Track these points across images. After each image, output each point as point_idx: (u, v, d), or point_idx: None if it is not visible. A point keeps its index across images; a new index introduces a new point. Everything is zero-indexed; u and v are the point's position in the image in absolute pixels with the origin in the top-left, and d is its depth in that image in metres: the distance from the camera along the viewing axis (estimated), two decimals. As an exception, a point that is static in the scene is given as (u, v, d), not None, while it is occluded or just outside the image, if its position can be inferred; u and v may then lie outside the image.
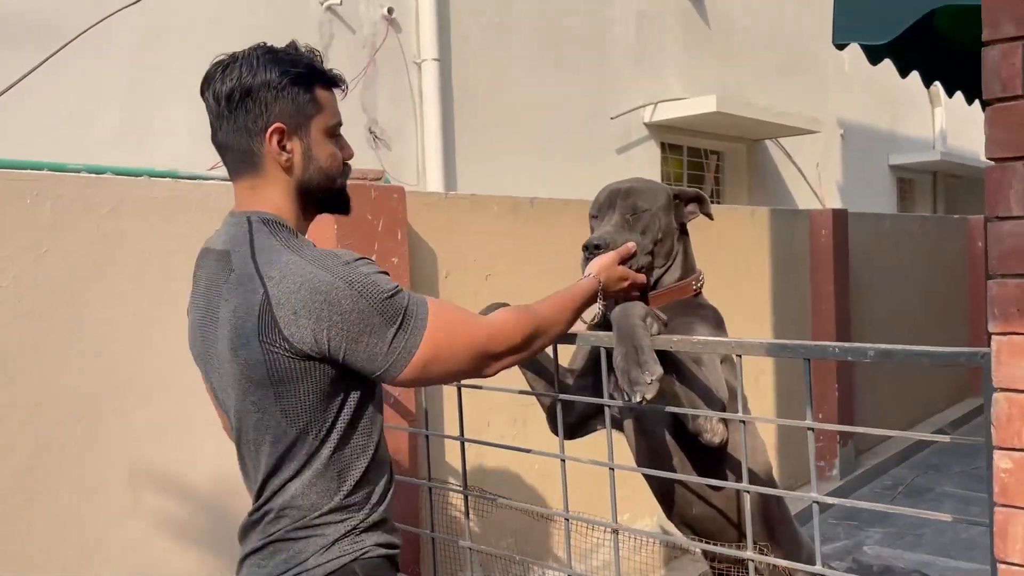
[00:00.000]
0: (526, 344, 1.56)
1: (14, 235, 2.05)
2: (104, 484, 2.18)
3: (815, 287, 5.07)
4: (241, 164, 1.48)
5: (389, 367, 1.39)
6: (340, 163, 1.54)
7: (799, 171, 7.75)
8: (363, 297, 1.35)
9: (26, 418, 2.06)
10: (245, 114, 1.44)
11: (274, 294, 1.35)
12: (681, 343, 1.72)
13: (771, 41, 7.47)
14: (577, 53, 5.72)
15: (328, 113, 1.50)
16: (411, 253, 2.85)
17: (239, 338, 1.39)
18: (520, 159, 5.31)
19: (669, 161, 6.67)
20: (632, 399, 1.64)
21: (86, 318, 2.16)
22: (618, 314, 1.78)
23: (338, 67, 1.61)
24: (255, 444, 1.46)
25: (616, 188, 2.03)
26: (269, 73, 1.43)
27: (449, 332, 1.43)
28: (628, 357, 1.69)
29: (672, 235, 2.02)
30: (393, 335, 1.38)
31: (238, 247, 1.42)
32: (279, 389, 1.39)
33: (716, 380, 1.88)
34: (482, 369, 1.51)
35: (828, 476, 5.13)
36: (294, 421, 1.41)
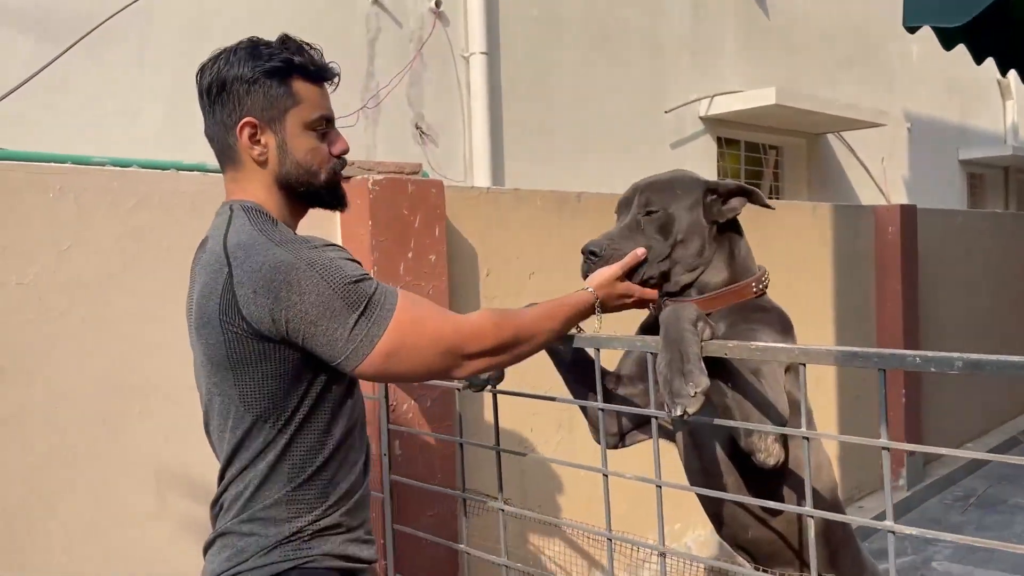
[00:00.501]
0: (502, 348, 1.48)
1: (36, 230, 1.97)
2: (126, 487, 2.09)
3: (881, 287, 4.78)
4: (223, 157, 1.48)
5: (349, 354, 1.34)
6: (324, 157, 1.49)
7: (863, 166, 7.41)
8: (324, 280, 1.32)
9: (45, 419, 1.99)
10: (221, 108, 1.44)
11: (237, 274, 1.33)
12: (737, 350, 1.54)
13: (834, 30, 7.16)
14: (630, 45, 5.53)
15: (308, 106, 1.46)
16: (450, 251, 2.72)
17: (202, 318, 1.38)
18: (570, 155, 5.15)
19: (726, 156, 6.43)
20: (672, 412, 1.48)
21: (109, 316, 2.08)
22: (667, 316, 1.60)
23: (384, 61, 1.52)
24: (218, 431, 1.44)
25: (635, 185, 1.85)
26: (242, 67, 1.42)
27: (416, 325, 1.38)
28: (672, 365, 1.53)
29: (701, 234, 1.80)
30: (355, 321, 1.33)
31: (217, 232, 1.42)
32: (237, 371, 1.36)
33: (776, 393, 1.68)
34: (452, 369, 1.44)
35: (895, 486, 4.84)
36: (251, 406, 1.38)
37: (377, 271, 2.46)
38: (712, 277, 1.80)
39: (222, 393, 1.40)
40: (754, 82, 6.27)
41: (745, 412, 1.63)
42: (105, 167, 2.10)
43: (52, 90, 3.25)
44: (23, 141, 3.13)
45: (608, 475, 1.80)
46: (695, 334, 1.57)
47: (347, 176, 2.51)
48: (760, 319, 1.79)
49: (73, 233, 2.02)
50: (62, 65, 3.20)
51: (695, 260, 1.79)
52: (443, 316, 1.43)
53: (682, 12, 5.88)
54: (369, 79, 4.36)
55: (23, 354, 1.95)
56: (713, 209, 1.82)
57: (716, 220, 1.82)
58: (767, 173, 6.89)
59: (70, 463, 2.01)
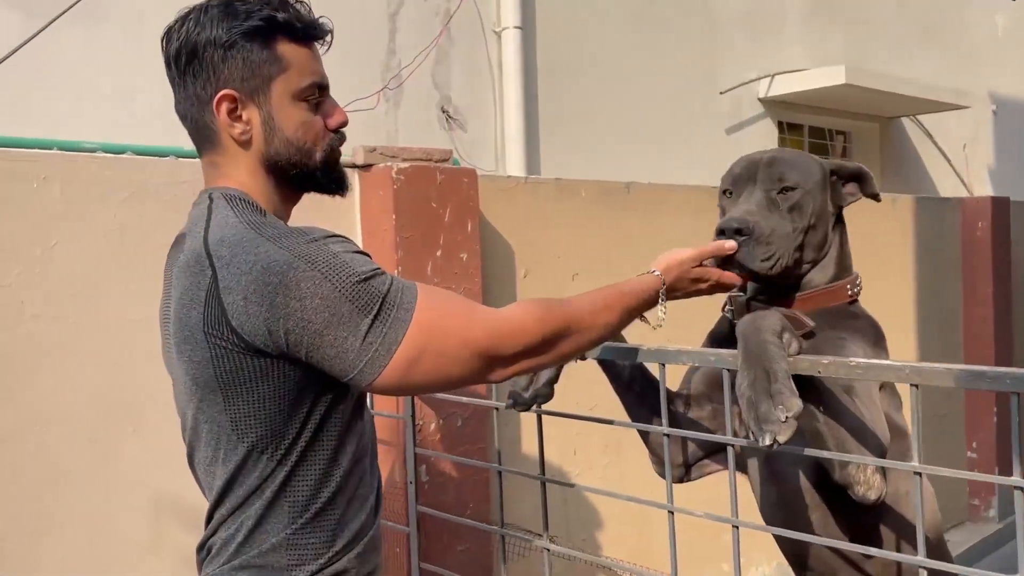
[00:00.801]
0: (547, 346, 1.33)
1: (18, 225, 1.90)
2: (121, 514, 2.03)
3: (969, 289, 4.61)
4: (198, 137, 1.36)
5: (363, 367, 1.21)
6: (318, 132, 1.37)
7: (942, 153, 7.20)
8: (328, 280, 1.19)
9: (32, 438, 1.92)
10: (193, 79, 1.31)
11: (222, 276, 1.21)
12: (833, 367, 1.42)
13: (910, 3, 6.96)
14: (680, 18, 5.40)
15: (296, 72, 1.33)
16: (483, 248, 2.62)
17: (183, 331, 1.26)
18: (613, 141, 5.04)
19: (787, 142, 6.27)
20: (759, 441, 1.37)
21: (101, 321, 2.01)
22: (746, 326, 1.49)
23: (407, 38, 1.41)
24: (205, 464, 1.32)
25: (756, 158, 1.73)
26: (216, 29, 1.28)
27: (441, 325, 1.25)
28: (757, 385, 1.41)
29: (827, 221, 1.71)
30: (368, 327, 1.21)
31: (195, 227, 1.30)
32: (228, 393, 1.24)
33: (873, 415, 1.56)
34: (486, 375, 1.31)
35: (983, 517, 4.66)
36: (245, 434, 1.26)
37: (402, 271, 2.37)
38: (819, 274, 1.71)
39: (209, 420, 1.28)
40: (820, 60, 6.10)
41: (839, 439, 1.51)
42: (96, 153, 2.03)
43: (42, 69, 3.20)
44: (9, 124, 3.09)
45: (674, 511, 1.68)
46: (781, 348, 1.45)
47: (368, 164, 2.42)
48: (851, 327, 1.67)
49: (60, 228, 1.95)
50: (52, 42, 3.14)
51: (816, 252, 1.70)
52: (473, 311, 1.30)
53: (738, -19, 5.74)
54: (390, 57, 4.28)
55: (5, 366, 1.89)
56: (836, 193, 1.72)
57: (841, 204, 1.73)
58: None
59: (59, 490, 1.94)
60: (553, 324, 1.33)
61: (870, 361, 1.43)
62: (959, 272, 4.67)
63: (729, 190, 1.75)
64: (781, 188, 1.66)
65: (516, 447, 2.73)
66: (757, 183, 1.68)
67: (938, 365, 1.35)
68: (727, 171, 1.79)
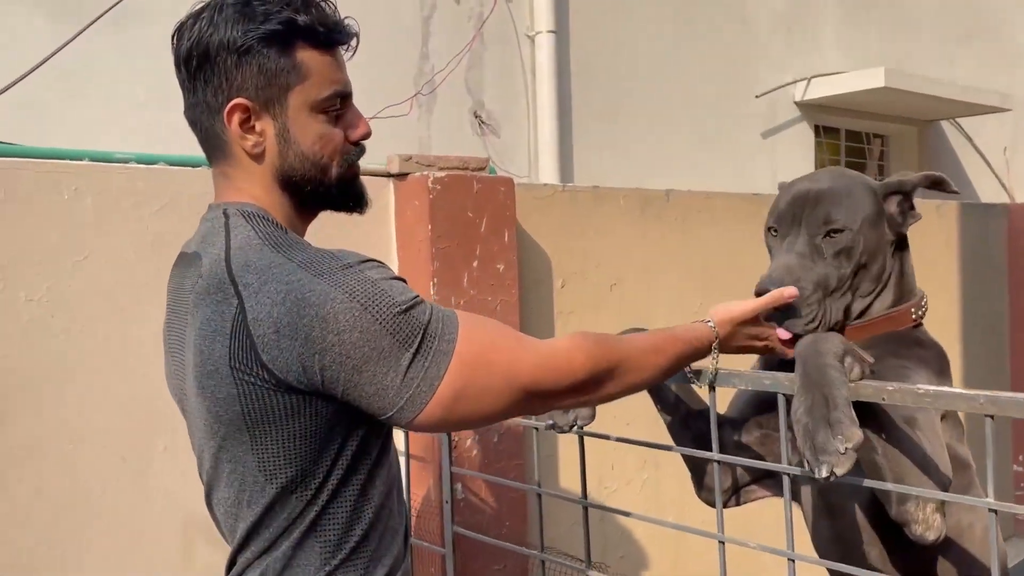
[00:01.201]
0: (594, 384, 1.26)
1: (49, 238, 1.86)
2: (151, 533, 1.97)
3: (1016, 299, 4.47)
4: (208, 147, 1.25)
5: (404, 405, 1.13)
6: (336, 145, 1.26)
7: (982, 157, 7.02)
8: (368, 311, 1.10)
9: (60, 454, 1.87)
10: (204, 85, 1.20)
11: (251, 307, 1.11)
12: (900, 394, 1.32)
13: (948, 3, 6.79)
14: (715, 21, 5.30)
15: (317, 82, 1.22)
16: (520, 258, 2.54)
17: (206, 364, 1.15)
18: (647, 146, 4.95)
19: (824, 146, 6.14)
20: (815, 472, 1.28)
21: (133, 336, 1.95)
22: (806, 348, 1.40)
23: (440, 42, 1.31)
24: (227, 505, 1.22)
25: (802, 192, 1.57)
26: (231, 30, 1.17)
27: (486, 358, 1.17)
28: (814, 412, 1.32)
29: (883, 252, 1.57)
30: (409, 362, 1.12)
31: (209, 247, 1.20)
32: (256, 432, 1.15)
33: (935, 447, 1.46)
34: (531, 410, 1.26)
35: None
36: (274, 475, 1.16)
37: (438, 283, 2.30)
38: (879, 303, 1.58)
39: (233, 459, 1.18)
40: (858, 62, 5.96)
41: (898, 473, 1.42)
42: (128, 164, 1.98)
43: (74, 76, 3.17)
44: (43, 134, 3.06)
45: (725, 541, 1.59)
46: (842, 372, 1.36)
47: (404, 173, 2.35)
48: (915, 356, 1.56)
49: (91, 241, 1.90)
50: (85, 49, 3.11)
51: (873, 284, 1.57)
52: (519, 343, 1.21)
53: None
54: (423, 62, 4.22)
55: (35, 381, 1.84)
56: (897, 218, 1.59)
57: (900, 231, 1.59)
58: (871, 166, 6.58)
59: (89, 508, 1.89)
60: (602, 362, 1.25)
61: (940, 389, 1.33)
62: (1005, 279, 4.53)
63: (774, 228, 1.61)
64: (827, 232, 1.53)
65: (553, 462, 2.66)
66: (802, 226, 1.55)
67: (1016, 395, 1.25)
68: (773, 204, 1.65)
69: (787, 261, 1.53)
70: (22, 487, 1.82)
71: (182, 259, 1.29)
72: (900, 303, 1.59)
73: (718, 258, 3.11)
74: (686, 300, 3.05)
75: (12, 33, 3.06)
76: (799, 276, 1.49)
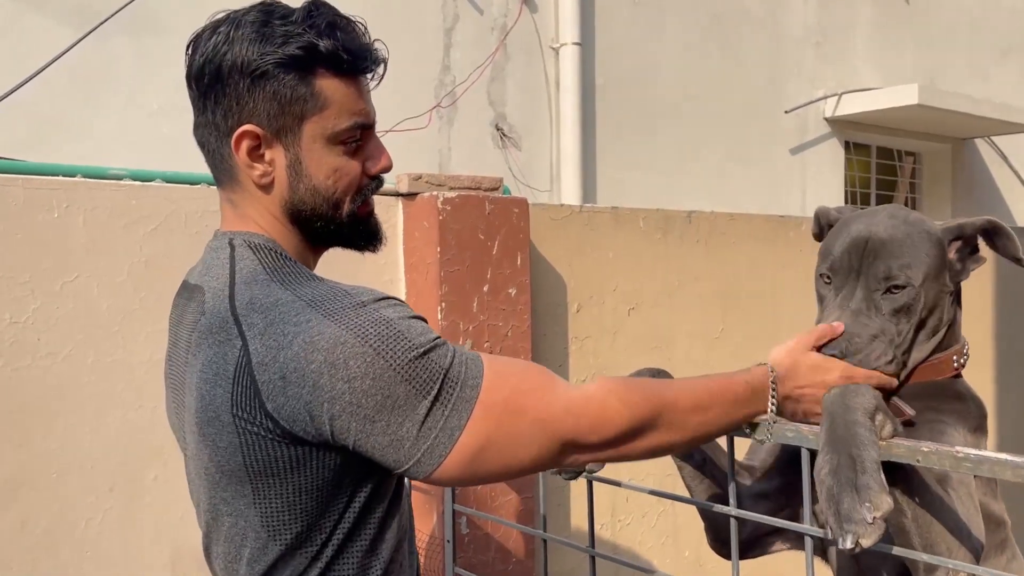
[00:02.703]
0: (633, 435, 1.11)
1: (37, 257, 1.76)
2: (141, 568, 1.87)
3: (1052, 328, 4.27)
4: (217, 171, 1.16)
5: (421, 457, 1.02)
6: (353, 180, 1.15)
7: (1017, 176, 6.81)
8: (382, 356, 1.00)
9: (48, 485, 1.78)
10: (215, 105, 1.10)
11: (255, 349, 1.02)
12: (936, 456, 1.18)
13: (986, 18, 6.60)
14: (744, 35, 5.17)
15: (335, 112, 1.11)
16: (534, 281, 2.42)
17: (206, 410, 1.06)
18: (673, 161, 4.82)
19: (854, 163, 5.97)
20: (839, 543, 1.14)
21: (123, 362, 1.86)
22: (834, 402, 1.26)
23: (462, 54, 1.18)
24: (226, 560, 1.12)
25: (860, 239, 1.42)
26: (247, 50, 1.07)
27: (514, 404, 1.05)
28: (840, 474, 1.19)
29: (943, 304, 1.43)
30: (427, 411, 1.02)
31: (213, 280, 1.11)
32: (258, 485, 1.05)
33: (969, 511, 1.33)
34: (561, 462, 1.11)
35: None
36: (277, 532, 1.06)
37: (446, 308, 2.18)
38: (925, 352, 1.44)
39: (234, 512, 1.08)
40: (890, 78, 5.80)
41: (929, 538, 1.28)
42: (122, 181, 1.88)
43: (94, 86, 3.11)
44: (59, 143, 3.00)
45: (741, 604, 1.45)
46: (872, 432, 1.23)
47: (413, 193, 2.24)
48: (953, 411, 1.41)
49: (81, 261, 1.81)
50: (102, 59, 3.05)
51: (931, 335, 1.42)
52: (549, 388, 1.08)
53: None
54: (444, 74, 4.13)
55: (19, 407, 1.75)
56: (957, 266, 1.44)
57: (960, 280, 1.45)
58: (902, 184, 6.40)
59: (76, 541, 1.80)
60: (642, 410, 1.11)
61: (981, 453, 1.19)
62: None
63: (827, 275, 1.46)
64: (887, 288, 1.38)
65: (564, 495, 2.53)
66: (860, 278, 1.40)
67: (1066, 463, 1.11)
68: (824, 246, 1.49)
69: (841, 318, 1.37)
70: (5, 519, 1.73)
71: (184, 289, 1.21)
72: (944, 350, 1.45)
73: (741, 282, 2.98)
74: (707, 326, 2.91)
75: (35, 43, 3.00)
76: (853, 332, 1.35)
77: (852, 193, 5.95)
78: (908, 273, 1.38)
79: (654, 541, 2.71)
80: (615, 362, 2.65)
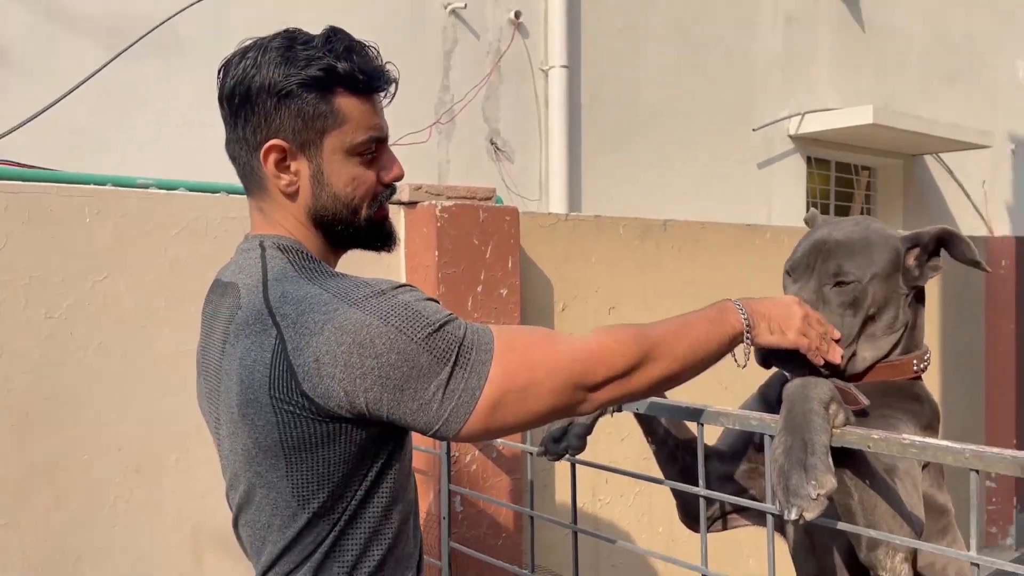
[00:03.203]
0: (633, 368, 1.14)
1: (70, 259, 1.76)
2: (164, 542, 1.87)
3: (991, 326, 4.30)
4: (247, 182, 1.19)
5: (448, 417, 1.05)
6: (369, 188, 1.18)
7: (963, 190, 6.84)
8: (403, 333, 1.03)
9: (78, 468, 1.77)
10: (244, 123, 1.13)
11: (290, 337, 1.05)
12: (885, 443, 1.20)
13: (934, 47, 6.63)
14: (718, 60, 5.17)
15: (353, 126, 1.14)
16: (523, 283, 2.42)
17: (246, 393, 1.08)
18: (652, 174, 4.83)
19: (815, 177, 5.99)
20: (785, 514, 1.16)
21: (150, 354, 1.85)
22: (794, 391, 1.27)
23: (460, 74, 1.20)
24: (255, 528, 1.14)
25: (820, 241, 1.45)
26: (273, 73, 1.10)
27: (525, 359, 1.08)
28: (791, 454, 1.20)
29: (896, 305, 1.44)
30: (449, 375, 1.04)
31: (247, 278, 1.13)
32: (292, 459, 1.08)
33: (913, 500, 1.34)
34: (576, 405, 1.12)
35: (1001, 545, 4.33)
36: (307, 501, 1.09)
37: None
38: (881, 351, 1.45)
39: (267, 484, 1.10)
40: (848, 99, 5.82)
41: (872, 519, 1.29)
42: (148, 189, 1.88)
43: (122, 102, 3.09)
44: (91, 154, 2.99)
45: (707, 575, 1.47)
46: (825, 420, 1.24)
47: (413, 201, 2.24)
48: (908, 410, 1.42)
49: (110, 262, 1.80)
50: (133, 76, 3.04)
51: (887, 335, 1.43)
52: (553, 342, 1.11)
53: (773, 25, 5.49)
54: (443, 93, 4.12)
55: (54, 396, 1.74)
56: (914, 271, 1.45)
57: (918, 284, 1.46)
58: (858, 196, 6.41)
59: (105, 518, 1.79)
60: (636, 346, 1.13)
61: (926, 440, 1.20)
62: (982, 310, 4.36)
63: (790, 272, 1.49)
64: (835, 282, 1.41)
65: (550, 474, 2.54)
66: (814, 274, 1.42)
67: (1003, 451, 1.12)
68: (794, 248, 1.52)
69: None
70: (42, 498, 1.73)
71: (217, 286, 1.22)
72: (905, 353, 1.46)
73: (711, 284, 2.99)
74: (681, 324, 2.92)
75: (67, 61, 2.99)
76: None
77: (813, 204, 5.96)
78: (855, 271, 1.40)
79: (631, 518, 2.72)
80: (597, 356, 2.66)
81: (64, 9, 3.00)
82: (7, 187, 1.70)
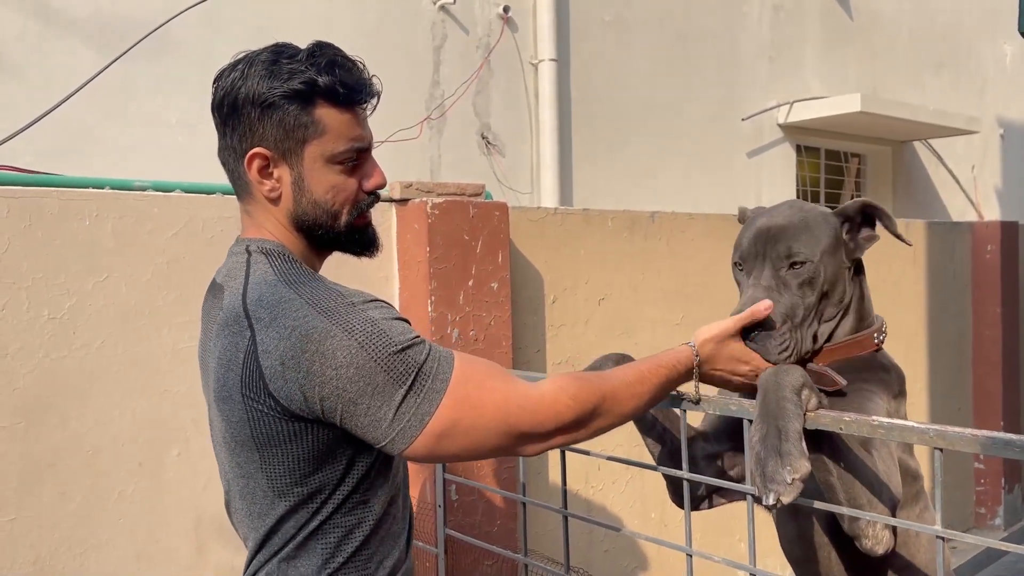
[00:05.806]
0: (580, 423, 1.21)
1: (71, 260, 1.81)
2: (165, 533, 1.92)
3: (978, 311, 4.36)
4: (236, 187, 1.26)
5: (395, 437, 1.11)
6: (348, 195, 1.23)
7: (952, 176, 6.90)
8: (364, 350, 1.08)
9: (83, 461, 1.83)
10: (232, 131, 1.20)
11: (261, 340, 1.11)
12: (856, 425, 1.26)
13: (921, 34, 6.68)
14: (706, 50, 5.22)
15: (333, 137, 1.20)
16: (514, 276, 2.48)
17: (222, 390, 1.16)
18: (642, 165, 4.87)
19: (805, 165, 6.04)
20: (763, 499, 1.23)
21: (149, 352, 1.91)
22: (768, 380, 1.34)
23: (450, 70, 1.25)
24: (240, 516, 1.23)
25: (763, 229, 1.50)
26: (258, 85, 1.17)
27: (476, 399, 1.14)
28: (767, 442, 1.27)
29: (843, 278, 1.50)
30: (402, 398, 1.10)
31: (232, 281, 1.20)
32: (265, 453, 1.14)
33: (888, 469, 1.41)
34: (517, 449, 1.20)
35: (990, 525, 4.41)
36: (282, 493, 1.16)
37: (435, 301, 2.24)
38: (844, 325, 1.52)
39: (246, 475, 1.18)
40: (836, 87, 5.87)
41: (852, 493, 1.36)
42: (146, 192, 1.93)
43: (115, 103, 3.14)
44: (86, 155, 3.03)
45: (693, 555, 1.53)
46: (798, 406, 1.30)
47: (404, 199, 2.30)
48: (879, 380, 1.49)
49: (110, 263, 1.86)
50: (126, 77, 3.08)
51: (835, 310, 1.49)
52: (508, 387, 1.17)
53: (762, 14, 5.53)
54: (434, 88, 4.17)
55: (57, 394, 1.80)
56: (850, 244, 1.51)
57: (856, 257, 1.52)
58: (848, 183, 6.47)
59: (108, 511, 1.85)
60: (587, 403, 1.21)
61: (893, 421, 1.27)
62: (969, 295, 4.43)
63: (740, 263, 1.54)
64: (790, 264, 1.46)
65: (543, 461, 2.60)
66: (766, 260, 1.47)
67: (964, 430, 1.19)
68: (737, 240, 1.56)
69: (755, 294, 1.46)
70: (47, 492, 1.79)
71: (212, 287, 1.30)
72: (861, 326, 1.52)
73: (698, 274, 3.05)
74: (669, 314, 2.98)
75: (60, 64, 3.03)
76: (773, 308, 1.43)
77: (803, 191, 6.02)
78: (805, 250, 1.45)
79: (624, 504, 2.79)
80: (587, 347, 2.72)
81: (55, 11, 3.04)
82: (8, 192, 1.75)
